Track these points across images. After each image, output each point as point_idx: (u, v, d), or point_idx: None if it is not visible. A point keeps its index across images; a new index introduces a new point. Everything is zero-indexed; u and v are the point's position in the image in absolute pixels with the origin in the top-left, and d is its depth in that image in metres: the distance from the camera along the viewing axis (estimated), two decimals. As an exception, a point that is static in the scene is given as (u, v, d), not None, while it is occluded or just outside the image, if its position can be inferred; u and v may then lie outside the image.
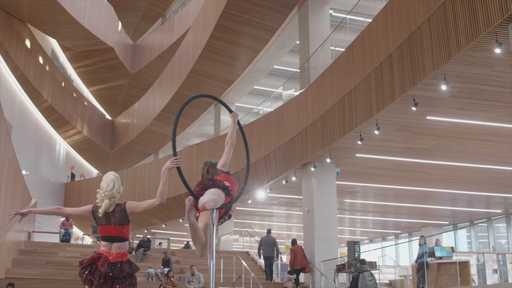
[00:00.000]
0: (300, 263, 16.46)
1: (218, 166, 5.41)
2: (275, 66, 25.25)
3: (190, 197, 4.91)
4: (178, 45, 29.50)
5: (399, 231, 32.73)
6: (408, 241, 32.54)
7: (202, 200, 4.61)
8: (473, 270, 17.56)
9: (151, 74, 34.47)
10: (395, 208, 25.41)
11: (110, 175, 5.28)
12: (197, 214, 5.21)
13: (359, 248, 14.40)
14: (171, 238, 33.02)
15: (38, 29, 26.57)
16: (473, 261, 17.96)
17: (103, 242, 5.22)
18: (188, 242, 28.34)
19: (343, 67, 14.91)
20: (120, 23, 33.48)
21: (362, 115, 13.54)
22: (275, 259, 18.10)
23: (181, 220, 28.33)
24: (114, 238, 5.16)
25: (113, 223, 5.14)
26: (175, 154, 4.85)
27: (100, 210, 5.13)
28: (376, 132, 13.37)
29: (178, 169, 4.80)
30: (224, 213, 5.36)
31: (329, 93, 15.52)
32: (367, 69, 13.37)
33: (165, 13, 37.86)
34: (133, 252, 19.96)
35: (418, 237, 16.04)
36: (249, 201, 22.69)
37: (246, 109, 29.35)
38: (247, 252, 22.61)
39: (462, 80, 10.94)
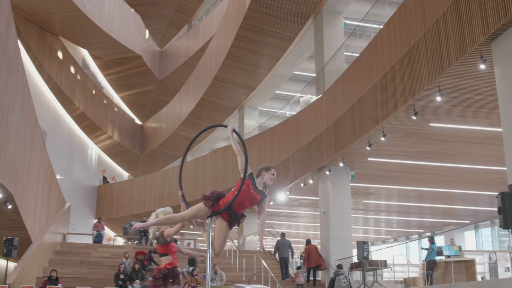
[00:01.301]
0: (314, 261, 17.55)
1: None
2: (295, 72, 26.13)
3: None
4: (203, 51, 30.55)
5: (422, 230, 33.34)
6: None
7: None
8: (486, 268, 18.26)
9: (178, 79, 35.58)
10: (419, 208, 26.12)
11: (158, 210, 7.41)
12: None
13: (368, 248, 15.25)
14: (198, 238, 34.10)
15: (69, 41, 27.92)
16: (485, 259, 18.63)
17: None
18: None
19: (353, 76, 15.80)
20: (147, 31, 34.69)
21: (370, 123, 14.43)
22: (291, 259, 19.09)
23: (207, 221, 29.37)
24: (162, 254, 7.68)
25: (159, 244, 7.64)
26: (181, 188, 6.14)
27: (150, 236, 7.91)
28: (382, 138, 14.24)
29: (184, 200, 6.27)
30: (230, 218, 6.07)
31: (341, 101, 16.42)
32: (373, 79, 14.24)
33: (191, 20, 38.99)
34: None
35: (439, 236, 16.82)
36: (271, 203, 23.62)
37: (269, 113, 30.27)
38: (269, 251, 23.56)
39: (457, 91, 11.77)
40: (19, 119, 14.75)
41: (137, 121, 39.05)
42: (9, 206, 14.77)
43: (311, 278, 17.96)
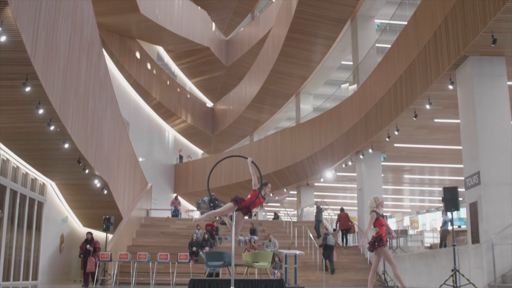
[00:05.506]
0: (344, 225, 22.37)
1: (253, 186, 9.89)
2: (342, 62, 29.23)
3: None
4: (264, 40, 33.93)
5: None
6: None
7: None
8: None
9: (243, 65, 39.06)
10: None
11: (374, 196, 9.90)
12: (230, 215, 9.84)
13: (387, 220, 18.55)
14: (266, 208, 38.02)
15: (145, 41, 32.12)
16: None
17: None
18: (276, 213, 33.24)
19: (376, 79, 18.99)
20: (213, 24, 38.40)
21: (387, 119, 17.67)
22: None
23: (271, 195, 33.19)
24: (374, 226, 9.72)
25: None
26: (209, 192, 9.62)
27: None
28: (396, 132, 17.47)
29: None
30: (246, 211, 9.82)
31: (369, 98, 19.66)
32: (389, 84, 17.40)
33: (253, 9, 42.46)
34: (226, 224, 24.93)
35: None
36: (322, 179, 27.16)
37: (323, 96, 33.45)
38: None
39: (445, 99, 14.86)
40: (109, 124, 18.91)
41: (208, 104, 42.99)
42: (105, 192, 19.07)
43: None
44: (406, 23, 16.70)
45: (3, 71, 10.48)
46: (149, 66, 32.16)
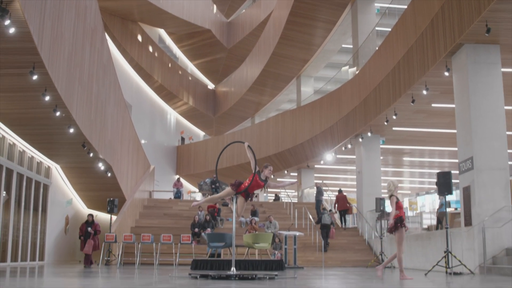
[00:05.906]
0: (341, 206, 23.04)
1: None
2: (343, 45, 29.48)
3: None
4: (265, 23, 34.14)
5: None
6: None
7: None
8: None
9: (244, 47, 39.27)
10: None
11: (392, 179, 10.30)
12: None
13: (384, 203, 18.90)
14: (268, 190, 38.37)
15: (147, 24, 32.35)
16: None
17: None
18: (276, 194, 33.72)
19: (375, 64, 19.28)
20: (215, 6, 38.57)
21: (385, 103, 17.99)
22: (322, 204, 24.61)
23: (272, 176, 33.56)
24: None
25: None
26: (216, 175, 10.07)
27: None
28: (394, 117, 17.81)
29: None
30: (246, 195, 10.15)
31: (368, 83, 19.96)
32: (388, 68, 17.70)
33: (255, -9, 42.61)
34: (229, 205, 25.36)
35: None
36: (322, 162, 27.54)
37: (323, 79, 33.72)
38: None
39: (441, 84, 15.18)
40: (113, 109, 19.26)
41: (210, 86, 43.29)
42: (109, 174, 19.47)
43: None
44: (406, 7, 16.97)
45: (12, 60, 10.83)
46: (150, 49, 32.43)
